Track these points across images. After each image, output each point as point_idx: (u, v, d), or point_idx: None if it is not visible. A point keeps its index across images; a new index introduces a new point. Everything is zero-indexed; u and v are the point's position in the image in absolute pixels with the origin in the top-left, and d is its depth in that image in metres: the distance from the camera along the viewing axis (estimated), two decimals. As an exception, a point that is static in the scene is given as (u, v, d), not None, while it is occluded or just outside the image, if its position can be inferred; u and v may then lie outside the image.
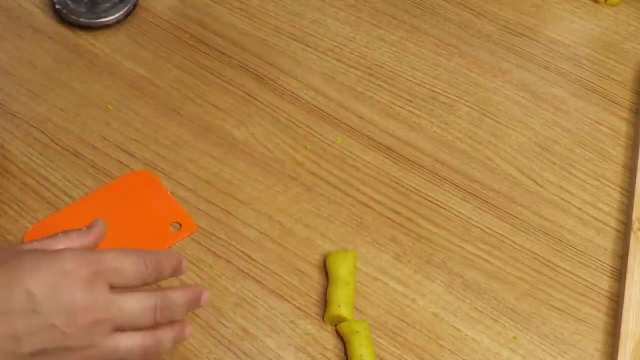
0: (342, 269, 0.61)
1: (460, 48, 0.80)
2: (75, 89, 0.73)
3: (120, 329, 0.48)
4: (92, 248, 0.53)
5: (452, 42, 0.80)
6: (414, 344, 0.60)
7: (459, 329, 0.61)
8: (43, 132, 0.70)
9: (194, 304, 0.52)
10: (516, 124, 0.74)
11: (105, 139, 0.70)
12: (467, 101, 0.76)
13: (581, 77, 0.79)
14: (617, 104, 0.77)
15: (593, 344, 0.61)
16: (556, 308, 0.63)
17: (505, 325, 0.62)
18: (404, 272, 0.64)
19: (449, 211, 0.68)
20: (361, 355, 0.57)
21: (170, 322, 0.51)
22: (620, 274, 0.65)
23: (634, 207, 0.67)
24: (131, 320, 0.48)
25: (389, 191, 0.69)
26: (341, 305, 0.59)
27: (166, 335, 0.51)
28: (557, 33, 0.82)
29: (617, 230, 0.68)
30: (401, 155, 0.71)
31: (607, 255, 0.66)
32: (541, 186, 0.70)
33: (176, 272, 0.53)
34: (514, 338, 0.61)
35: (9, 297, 0.45)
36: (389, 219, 0.67)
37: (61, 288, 0.46)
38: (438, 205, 0.68)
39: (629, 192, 0.70)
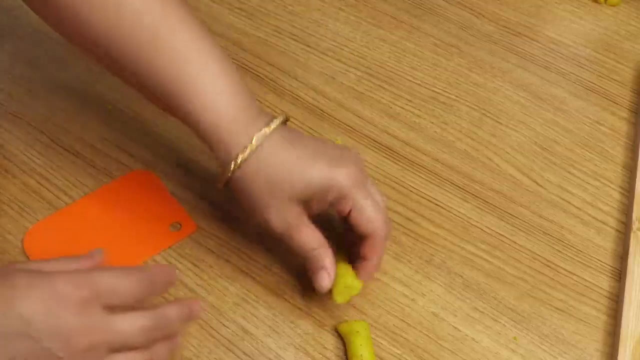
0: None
1: (460, 48, 0.80)
2: (75, 89, 0.73)
3: (115, 350, 0.48)
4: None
5: (452, 42, 0.80)
6: (414, 344, 0.60)
7: (459, 329, 0.61)
8: (43, 132, 0.70)
9: (189, 317, 0.53)
10: (516, 124, 0.74)
11: (105, 139, 0.70)
12: (467, 101, 0.76)
13: (581, 77, 0.79)
14: (617, 104, 0.77)
15: (593, 344, 0.61)
16: (556, 308, 0.63)
17: (505, 325, 0.62)
18: (404, 272, 0.64)
19: (449, 211, 0.68)
20: (361, 355, 0.57)
21: (164, 337, 0.52)
22: (620, 274, 0.65)
23: (634, 207, 0.67)
24: (126, 341, 0.48)
25: (389, 191, 0.69)
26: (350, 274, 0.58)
27: (161, 349, 0.51)
28: (557, 33, 0.82)
29: (617, 230, 0.68)
30: (401, 155, 0.71)
31: (607, 255, 0.66)
32: (541, 186, 0.70)
33: (169, 285, 0.53)
34: (514, 338, 0.61)
35: (3, 319, 0.45)
36: (389, 219, 0.67)
37: (55, 312, 0.46)
38: (438, 205, 0.68)
39: (629, 192, 0.70)
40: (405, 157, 0.71)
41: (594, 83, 0.78)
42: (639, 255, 0.64)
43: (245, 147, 0.53)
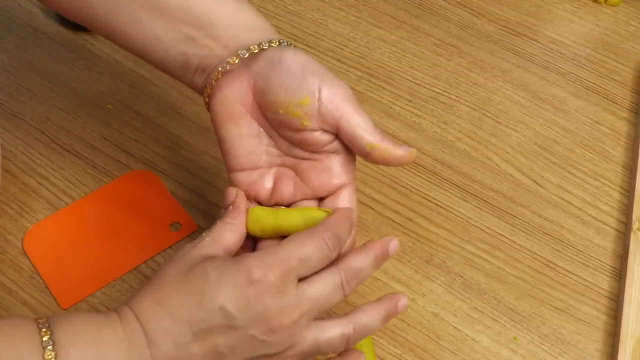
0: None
1: (460, 48, 0.80)
2: (75, 89, 0.73)
3: (316, 319, 0.48)
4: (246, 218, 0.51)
5: (452, 42, 0.80)
6: (414, 344, 0.60)
7: (459, 329, 0.61)
8: (43, 132, 0.70)
9: (383, 258, 0.50)
10: (516, 124, 0.74)
11: (105, 139, 0.70)
12: (467, 101, 0.76)
13: (581, 77, 0.79)
14: (617, 104, 0.77)
15: (593, 344, 0.61)
16: (556, 308, 0.63)
17: (505, 325, 0.62)
18: (404, 272, 0.64)
19: (449, 211, 0.68)
20: (361, 355, 0.57)
21: (376, 301, 0.50)
22: (620, 274, 0.65)
23: (634, 207, 0.67)
24: (323, 304, 0.47)
25: (389, 191, 0.69)
26: None
27: (370, 315, 0.49)
28: (557, 33, 0.82)
29: (617, 230, 0.68)
30: (401, 155, 0.71)
31: (607, 255, 0.66)
32: (541, 186, 0.70)
33: (352, 225, 0.50)
34: (514, 338, 0.61)
35: (204, 314, 0.45)
36: (389, 219, 0.67)
37: (253, 299, 0.45)
38: (438, 205, 0.68)
39: (629, 192, 0.70)
40: (405, 157, 0.71)
41: (594, 83, 0.78)
42: (639, 255, 0.64)
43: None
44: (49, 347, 0.44)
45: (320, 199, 0.54)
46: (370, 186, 0.69)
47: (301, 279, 0.47)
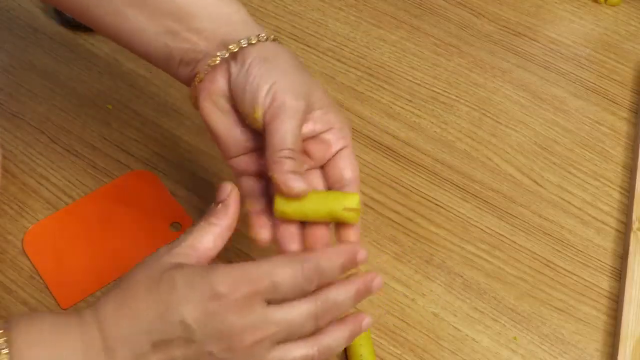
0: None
1: (460, 48, 0.80)
2: (75, 89, 0.73)
3: (280, 342, 0.46)
4: (236, 221, 0.50)
5: (452, 42, 0.80)
6: (414, 344, 0.60)
7: (459, 329, 0.61)
8: (43, 132, 0.70)
9: (363, 295, 0.48)
10: (516, 124, 0.74)
11: (105, 139, 0.70)
12: (467, 101, 0.76)
13: (581, 77, 0.79)
14: (617, 104, 0.77)
15: (593, 344, 0.61)
16: (556, 308, 0.63)
17: (505, 325, 0.62)
18: (404, 272, 0.64)
19: (449, 211, 0.68)
20: (361, 355, 0.57)
21: (339, 321, 0.48)
22: (620, 274, 0.65)
23: (634, 207, 0.67)
24: (290, 332, 0.46)
25: (389, 191, 0.69)
26: None
27: (337, 333, 0.48)
28: (557, 33, 0.82)
29: (617, 230, 0.68)
30: (401, 155, 0.71)
31: (607, 255, 0.66)
32: (541, 186, 0.70)
33: (349, 266, 0.47)
34: (514, 338, 0.61)
35: (165, 326, 0.44)
36: (389, 219, 0.67)
37: (215, 314, 0.44)
38: (438, 205, 0.68)
39: (629, 192, 0.70)
40: (405, 157, 0.71)
41: (594, 83, 0.78)
42: (639, 255, 0.64)
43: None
44: (4, 350, 0.44)
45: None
46: (370, 186, 0.69)
47: (275, 301, 0.45)
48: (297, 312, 0.45)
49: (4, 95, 0.72)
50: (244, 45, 0.52)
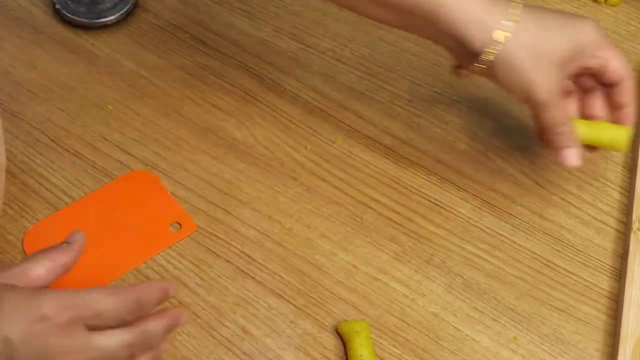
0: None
1: (460, 48, 0.80)
2: (75, 89, 0.73)
3: None
4: (74, 263, 0.55)
5: (452, 42, 0.80)
6: (414, 344, 0.60)
7: (459, 329, 0.61)
8: (43, 132, 0.70)
9: (173, 328, 0.53)
10: (516, 124, 0.74)
11: (105, 139, 0.70)
12: (467, 101, 0.76)
13: (581, 77, 0.78)
14: (617, 104, 0.77)
15: (593, 344, 0.61)
16: (556, 308, 0.63)
17: (505, 325, 0.62)
18: (404, 272, 0.64)
19: (449, 211, 0.68)
20: (361, 355, 0.57)
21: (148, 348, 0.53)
22: (620, 274, 0.65)
23: (634, 207, 0.67)
24: (110, 357, 0.49)
25: (389, 191, 0.69)
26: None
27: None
28: (557, 33, 0.82)
29: (617, 230, 0.68)
30: (401, 155, 0.71)
31: (607, 255, 0.66)
32: (541, 186, 0.70)
33: (163, 299, 0.53)
34: (514, 338, 0.61)
35: None
36: (389, 219, 0.67)
37: (38, 335, 0.46)
38: (438, 205, 0.68)
39: (629, 192, 0.70)
40: (405, 157, 0.71)
41: (594, 83, 0.78)
42: (639, 255, 0.64)
43: (503, 23, 0.56)
44: None
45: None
46: (370, 186, 0.69)
47: (96, 328, 0.49)
48: (116, 340, 0.49)
49: (4, 95, 0.72)
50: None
